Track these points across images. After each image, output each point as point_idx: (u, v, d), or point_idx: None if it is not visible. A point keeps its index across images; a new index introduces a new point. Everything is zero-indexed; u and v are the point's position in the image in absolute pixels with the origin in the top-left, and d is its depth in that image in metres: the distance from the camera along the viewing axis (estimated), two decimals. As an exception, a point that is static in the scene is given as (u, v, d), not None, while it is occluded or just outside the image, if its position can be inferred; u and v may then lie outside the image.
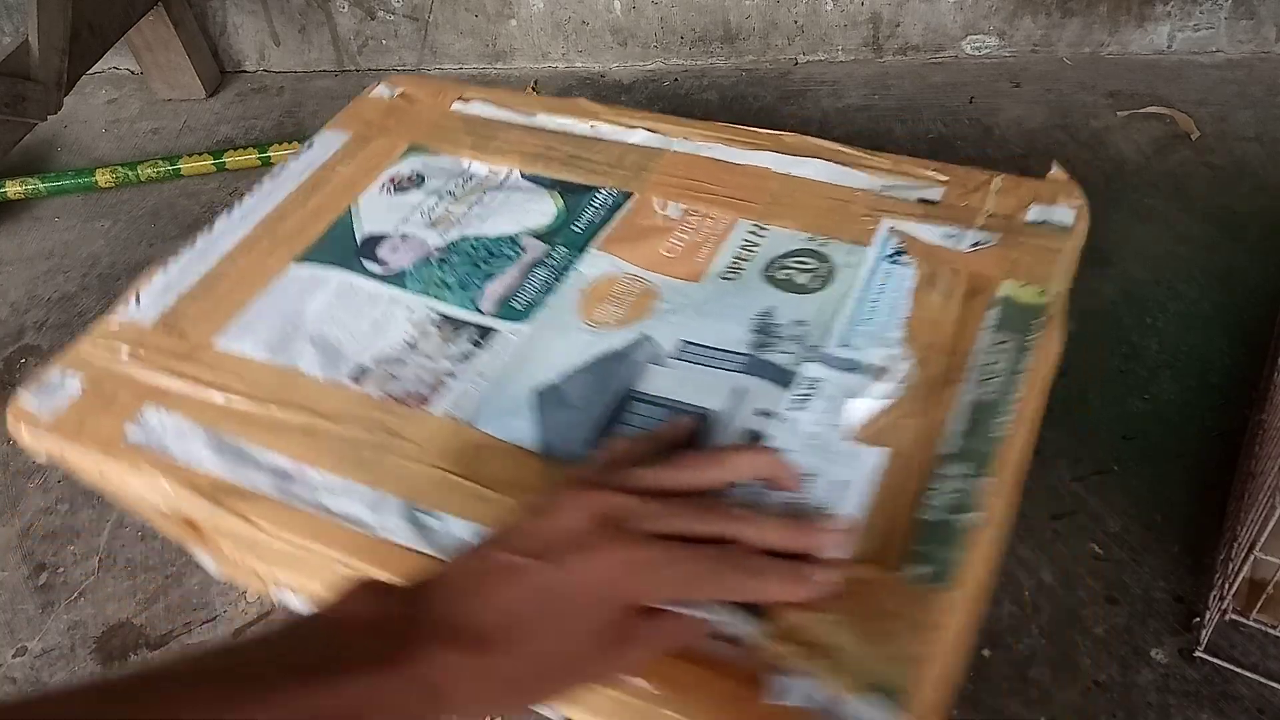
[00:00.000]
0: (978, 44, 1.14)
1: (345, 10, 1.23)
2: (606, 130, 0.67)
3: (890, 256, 0.53)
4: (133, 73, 1.31)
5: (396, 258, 0.60)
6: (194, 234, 0.63)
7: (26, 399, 0.54)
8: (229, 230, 0.63)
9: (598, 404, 0.49)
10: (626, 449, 0.41)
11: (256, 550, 0.50)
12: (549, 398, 0.50)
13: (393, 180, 0.66)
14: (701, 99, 1.14)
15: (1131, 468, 0.69)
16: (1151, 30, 1.09)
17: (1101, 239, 0.88)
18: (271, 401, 0.51)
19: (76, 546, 0.73)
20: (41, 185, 1.09)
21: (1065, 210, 0.54)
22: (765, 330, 0.50)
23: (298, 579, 0.51)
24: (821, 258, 0.54)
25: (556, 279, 0.56)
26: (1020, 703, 0.57)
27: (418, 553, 0.44)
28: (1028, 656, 0.59)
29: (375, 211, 0.64)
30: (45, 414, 0.53)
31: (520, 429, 0.48)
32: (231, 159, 1.10)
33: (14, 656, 0.67)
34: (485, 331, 0.54)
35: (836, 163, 0.60)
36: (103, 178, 1.09)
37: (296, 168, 0.68)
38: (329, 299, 0.58)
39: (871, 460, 0.43)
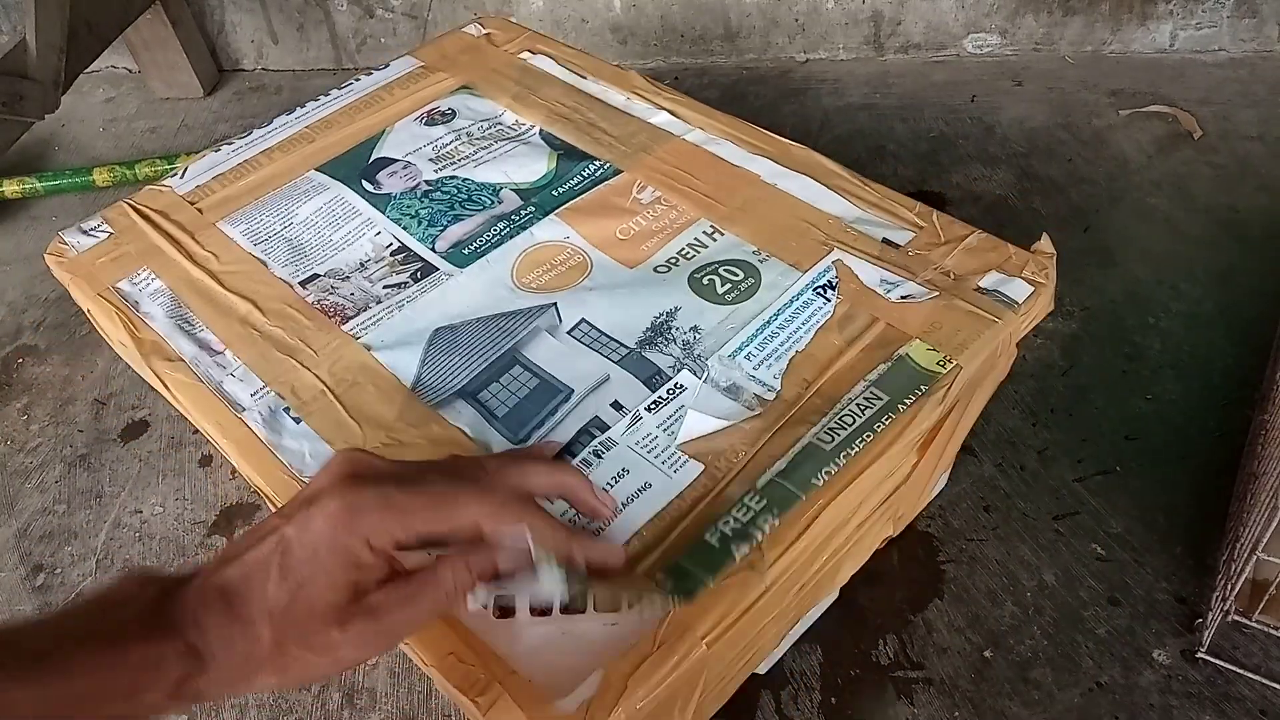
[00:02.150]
0: (979, 42, 1.14)
1: (344, 8, 1.22)
2: (638, 107, 0.68)
3: (819, 288, 0.52)
4: (130, 71, 1.31)
5: (391, 182, 0.64)
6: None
7: (66, 233, 0.62)
8: (281, 128, 0.70)
9: (481, 356, 0.51)
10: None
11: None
12: (441, 338, 0.52)
13: (429, 113, 0.69)
14: (701, 97, 1.13)
15: (1134, 468, 0.69)
16: (1154, 29, 1.09)
17: (1104, 239, 0.88)
18: (231, 286, 0.57)
19: (74, 547, 0.73)
20: (39, 184, 1.09)
21: (1022, 286, 0.50)
22: (660, 329, 0.51)
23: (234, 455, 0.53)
24: (752, 271, 0.54)
25: (511, 235, 0.58)
26: (1021, 703, 0.57)
27: (267, 446, 0.48)
28: (1029, 657, 0.59)
29: (400, 138, 0.67)
30: (70, 250, 0.61)
31: (404, 361, 0.51)
32: (230, 158, 1.10)
33: (11, 658, 0.66)
34: (429, 269, 0.57)
35: (825, 184, 0.59)
36: (100, 177, 1.09)
37: (363, 84, 0.73)
38: (319, 206, 0.62)
39: (685, 473, 0.44)
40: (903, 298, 0.50)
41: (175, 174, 0.66)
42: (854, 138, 1.03)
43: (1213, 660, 0.57)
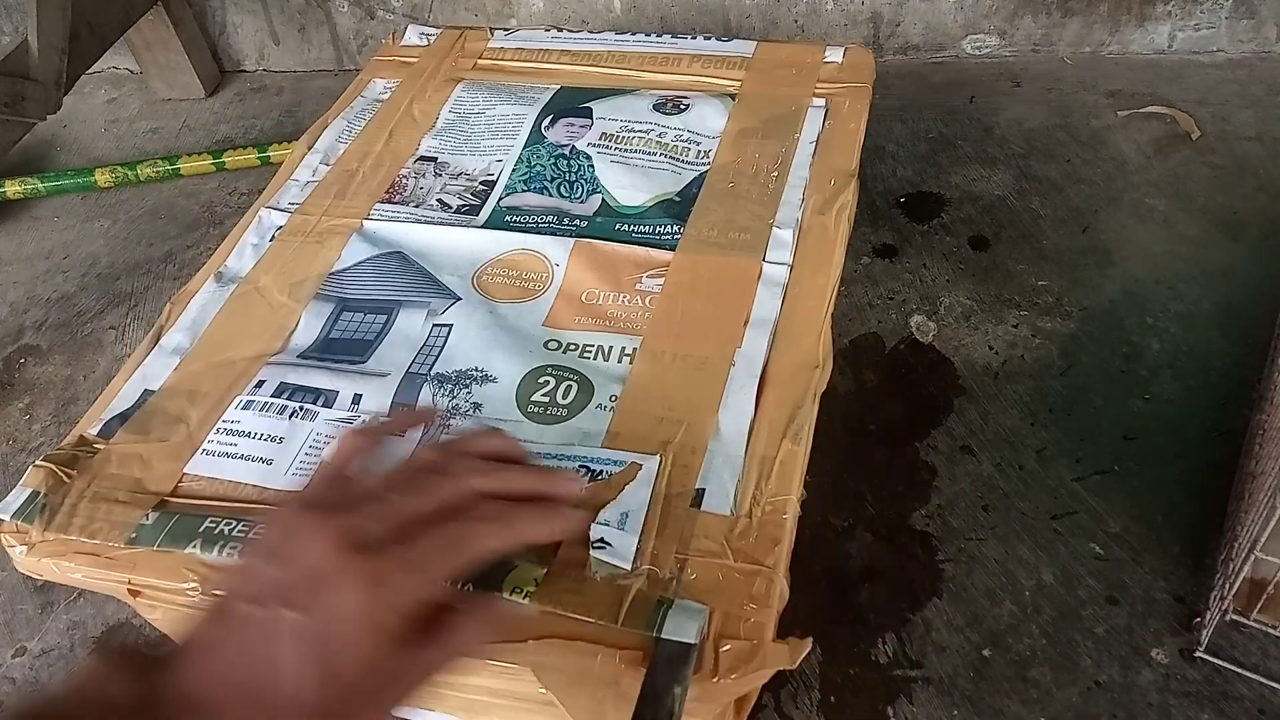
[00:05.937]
0: (978, 43, 1.14)
1: (345, 10, 1.23)
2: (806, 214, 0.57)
3: (601, 462, 0.44)
4: (132, 72, 1.31)
5: (556, 131, 0.66)
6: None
7: (411, 28, 0.75)
8: (611, 42, 0.75)
9: (375, 300, 0.53)
10: (353, 445, 0.38)
11: None
12: (390, 258, 0.56)
13: (671, 99, 0.67)
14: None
15: (1132, 468, 0.69)
16: (1152, 30, 1.09)
17: (1102, 239, 0.88)
18: (394, 136, 0.64)
19: (76, 546, 0.73)
20: (41, 185, 1.09)
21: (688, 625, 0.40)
22: (459, 381, 0.48)
23: None
24: (581, 401, 0.46)
25: (539, 232, 0.57)
26: (1020, 702, 0.57)
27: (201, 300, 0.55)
28: (1028, 656, 0.59)
29: (620, 103, 0.67)
30: (409, 42, 0.75)
31: (355, 252, 0.56)
32: (231, 159, 1.10)
33: (13, 657, 0.66)
34: (473, 211, 0.59)
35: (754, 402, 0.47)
36: (102, 177, 1.09)
37: (700, 44, 0.73)
38: (506, 114, 0.65)
39: None
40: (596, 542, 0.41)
41: (505, 30, 0.72)
42: (853, 138, 1.03)
43: (1211, 659, 0.58)
